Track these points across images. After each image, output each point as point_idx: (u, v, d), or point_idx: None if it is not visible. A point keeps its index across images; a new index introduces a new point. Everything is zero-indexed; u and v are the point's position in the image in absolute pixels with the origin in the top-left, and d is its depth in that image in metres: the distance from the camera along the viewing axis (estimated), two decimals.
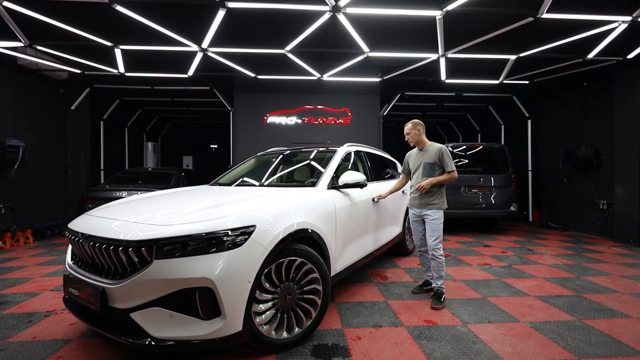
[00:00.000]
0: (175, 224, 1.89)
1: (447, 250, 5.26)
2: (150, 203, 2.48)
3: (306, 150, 3.93)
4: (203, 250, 1.84)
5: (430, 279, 3.23)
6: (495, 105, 9.10)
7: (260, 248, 1.98)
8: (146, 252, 1.81)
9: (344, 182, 3.03)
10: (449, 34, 4.43)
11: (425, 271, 3.36)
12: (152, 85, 7.13)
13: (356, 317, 2.77)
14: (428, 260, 3.24)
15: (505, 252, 5.16)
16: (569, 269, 4.23)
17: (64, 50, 5.20)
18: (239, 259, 1.89)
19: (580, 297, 3.25)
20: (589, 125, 6.69)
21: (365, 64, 5.88)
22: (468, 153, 6.87)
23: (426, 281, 3.36)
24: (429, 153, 3.15)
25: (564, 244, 5.74)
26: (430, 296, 3.17)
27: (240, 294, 1.87)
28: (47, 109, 6.68)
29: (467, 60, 5.63)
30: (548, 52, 5.12)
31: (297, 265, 2.29)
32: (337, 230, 2.84)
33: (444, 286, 3.11)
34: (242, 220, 1.99)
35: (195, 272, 1.78)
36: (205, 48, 4.85)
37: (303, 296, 2.34)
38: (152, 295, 1.80)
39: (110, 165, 8.51)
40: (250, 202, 2.27)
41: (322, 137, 7.56)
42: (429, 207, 3.09)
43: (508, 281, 3.73)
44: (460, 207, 6.54)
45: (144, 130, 10.77)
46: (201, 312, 1.81)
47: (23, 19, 4.06)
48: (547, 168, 7.84)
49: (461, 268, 4.25)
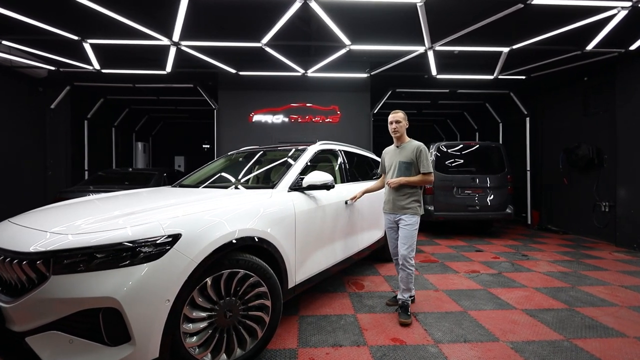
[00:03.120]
0: (80, 233, 1.63)
1: (436, 255, 4.95)
2: (81, 207, 2.21)
3: (276, 149, 3.66)
4: (111, 264, 1.56)
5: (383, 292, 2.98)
6: (493, 103, 8.75)
7: (184, 260, 1.71)
8: (43, 266, 1.54)
9: (308, 183, 2.74)
10: (433, 25, 4.13)
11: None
12: (133, 82, 6.90)
13: (317, 334, 2.48)
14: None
15: (498, 257, 4.83)
16: (564, 277, 3.90)
17: (33, 46, 5.00)
18: (155, 273, 1.61)
19: (573, 311, 2.92)
20: (590, 122, 6.32)
21: (350, 58, 5.60)
22: (461, 152, 6.53)
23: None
24: (405, 151, 2.84)
25: (562, 249, 5.39)
26: (395, 309, 2.86)
27: (156, 315, 1.60)
28: (24, 108, 6.48)
29: (457, 54, 5.32)
30: (543, 44, 4.78)
31: (239, 278, 2.01)
32: (297, 237, 2.55)
33: (414, 294, 2.84)
34: (163, 228, 1.72)
35: (98, 290, 1.51)
36: (177, 42, 4.60)
37: (248, 313, 2.06)
38: (49, 317, 1.53)
39: (95, 165, 8.30)
40: (185, 207, 2.00)
41: (310, 136, 7.26)
42: (403, 212, 2.80)
43: (495, 291, 3.42)
44: (452, 209, 6.21)
45: (133, 129, 10.58)
46: (106, 337, 1.54)
47: None
48: (546, 168, 7.48)
49: (446, 276, 3.94)
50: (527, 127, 7.66)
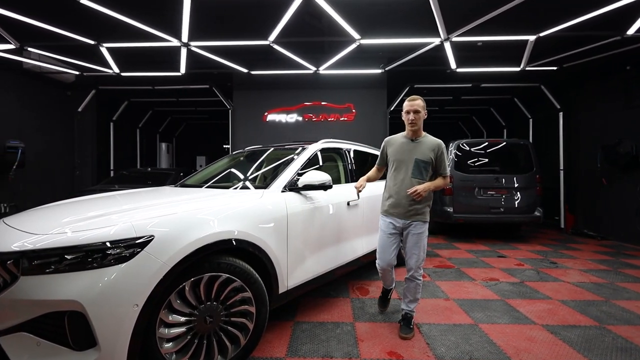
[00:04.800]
0: (51, 234, 1.60)
1: (453, 260, 4.64)
2: (66, 208, 2.18)
3: (278, 148, 3.56)
4: (79, 266, 1.52)
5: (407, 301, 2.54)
6: (522, 97, 8.15)
7: (156, 264, 1.63)
8: (14, 267, 1.53)
9: (304, 183, 2.61)
10: (447, 14, 3.85)
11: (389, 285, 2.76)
12: (152, 85, 7.12)
13: (308, 343, 2.35)
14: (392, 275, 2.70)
15: (522, 264, 4.44)
16: (597, 289, 3.48)
17: (57, 52, 5.26)
18: (123, 277, 1.55)
19: (603, 329, 2.57)
20: (632, 116, 5.68)
21: (363, 54, 5.42)
22: (485, 150, 6.11)
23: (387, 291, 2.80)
24: (423, 147, 2.42)
25: (598, 257, 4.87)
26: (398, 321, 2.60)
27: (123, 321, 1.53)
28: (55, 111, 6.89)
29: (477, 45, 4.95)
30: (576, 30, 4.33)
31: (221, 282, 1.92)
32: (289, 239, 2.43)
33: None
34: (135, 229, 1.65)
35: (63, 292, 1.47)
36: (186, 42, 4.65)
37: (230, 319, 1.97)
38: (19, 318, 1.51)
39: (121, 165, 8.68)
40: (163, 208, 1.94)
41: (325, 135, 7.08)
42: (415, 218, 2.42)
43: (513, 303, 3.10)
44: (473, 210, 5.83)
45: (157, 131, 10.97)
46: (72, 342, 1.50)
47: (4, 21, 4.07)
48: (582, 167, 6.83)
49: (460, 284, 3.65)
50: (561, 122, 7.05)
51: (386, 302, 2.83)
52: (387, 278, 2.70)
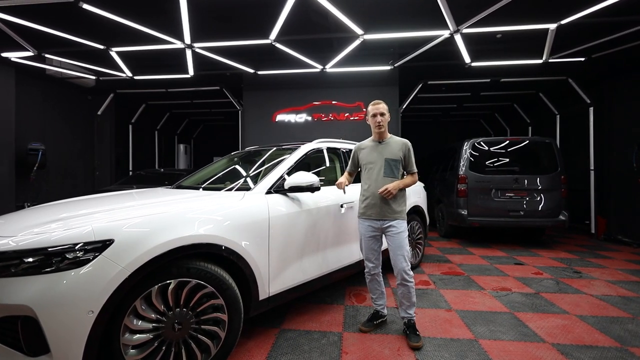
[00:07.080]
0: (8, 237, 1.59)
1: (464, 266, 4.35)
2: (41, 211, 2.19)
3: (272, 149, 3.47)
4: (33, 270, 1.50)
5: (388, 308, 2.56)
6: (547, 92, 7.58)
7: (114, 269, 1.58)
8: None
9: (290, 185, 2.51)
10: (453, 3, 3.59)
11: (376, 299, 2.64)
12: (165, 87, 7.29)
13: (289, 353, 2.23)
14: (380, 286, 2.61)
15: (540, 273, 4.07)
16: (625, 304, 3.11)
17: (70, 57, 5.48)
18: (78, 282, 1.51)
19: (625, 351, 2.26)
20: None
21: (371, 50, 5.25)
22: (505, 150, 5.71)
23: (376, 312, 2.64)
24: (391, 147, 2.51)
25: (631, 266, 4.39)
26: (403, 331, 2.47)
27: (76, 327, 1.49)
28: (76, 115, 7.23)
29: (494, 37, 4.63)
30: (603, 15, 3.92)
31: (190, 288, 1.85)
32: (271, 243, 2.33)
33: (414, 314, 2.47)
34: (95, 233, 1.61)
35: (15, 297, 1.45)
36: (190, 44, 4.68)
37: (200, 327, 1.89)
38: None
39: (140, 166, 8.99)
40: (129, 211, 1.88)
41: (334, 135, 6.96)
42: (393, 217, 2.42)
43: (523, 316, 2.82)
44: (490, 214, 5.47)
45: (175, 132, 11.28)
46: (25, 347, 1.47)
47: (18, 29, 4.27)
48: (615, 167, 6.24)
49: (467, 293, 3.39)
50: (591, 118, 6.47)
51: (371, 325, 2.59)
52: (372, 287, 2.62)
